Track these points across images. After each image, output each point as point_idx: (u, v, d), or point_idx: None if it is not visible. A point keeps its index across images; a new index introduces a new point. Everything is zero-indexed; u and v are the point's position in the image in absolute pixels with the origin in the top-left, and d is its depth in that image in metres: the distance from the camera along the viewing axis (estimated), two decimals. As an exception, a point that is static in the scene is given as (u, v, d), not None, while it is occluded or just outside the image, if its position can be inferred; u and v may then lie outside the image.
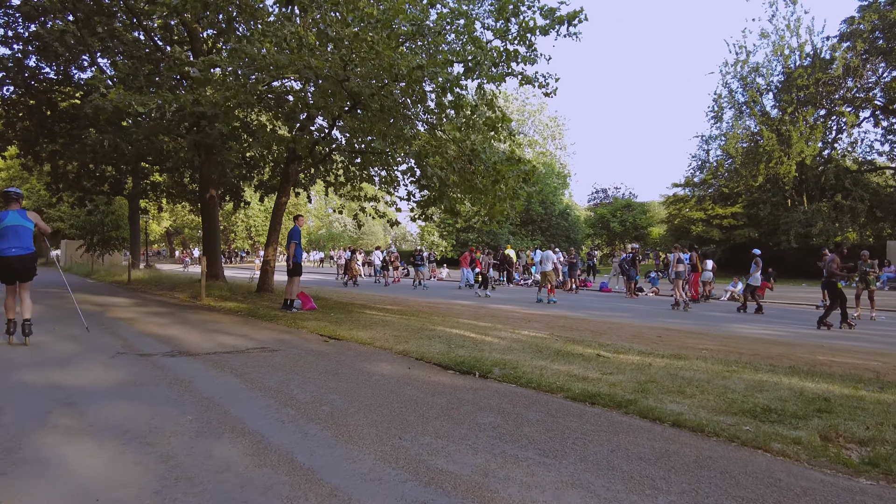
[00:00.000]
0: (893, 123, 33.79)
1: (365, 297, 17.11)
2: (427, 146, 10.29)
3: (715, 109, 36.21)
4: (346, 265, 23.95)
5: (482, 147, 10.77)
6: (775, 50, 33.08)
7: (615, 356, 6.94)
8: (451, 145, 10.39)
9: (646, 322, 12.64)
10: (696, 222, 33.82)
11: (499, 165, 10.60)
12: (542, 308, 15.25)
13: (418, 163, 10.67)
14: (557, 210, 47.07)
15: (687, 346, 9.20)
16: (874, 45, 30.34)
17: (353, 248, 24.63)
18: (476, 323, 10.44)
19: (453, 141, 10.42)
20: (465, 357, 6.17)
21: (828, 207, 30.02)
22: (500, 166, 10.57)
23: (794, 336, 10.95)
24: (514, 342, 7.67)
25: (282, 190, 14.21)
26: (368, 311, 11.39)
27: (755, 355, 8.35)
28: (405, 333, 7.98)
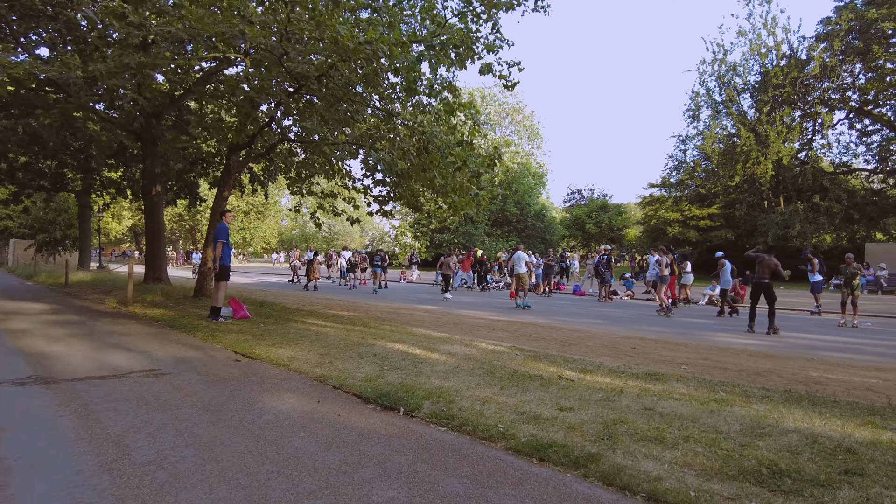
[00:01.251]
0: (868, 125, 33.58)
1: (322, 303, 15.79)
2: (375, 131, 9.04)
3: (692, 109, 35.63)
4: (308, 267, 22.55)
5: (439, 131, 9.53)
6: (752, 49, 32.58)
7: (581, 378, 5.80)
8: (402, 129, 9.15)
9: (620, 329, 11.59)
10: (672, 223, 33.12)
11: (458, 151, 9.39)
12: (511, 314, 14.13)
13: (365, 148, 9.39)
14: (533, 210, 46.17)
15: (664, 359, 8.14)
16: (850, 46, 29.98)
17: (316, 250, 23.23)
18: (431, 333, 9.24)
19: (406, 126, 9.17)
20: (393, 385, 4.96)
21: (805, 209, 29.51)
22: (459, 151, 9.36)
23: (779, 346, 9.97)
24: (465, 360, 6.49)
25: (223, 183, 12.83)
26: (310, 321, 10.10)
27: (742, 371, 7.32)
28: (335, 350, 6.73)
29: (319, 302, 15.92)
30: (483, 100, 49.02)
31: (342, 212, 16.12)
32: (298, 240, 74.47)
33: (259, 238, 63.72)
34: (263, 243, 66.73)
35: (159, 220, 17.27)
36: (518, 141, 51.30)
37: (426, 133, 8.99)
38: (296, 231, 79.30)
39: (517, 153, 48.78)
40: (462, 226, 44.70)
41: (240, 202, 56.28)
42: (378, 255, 21.32)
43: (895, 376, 7.31)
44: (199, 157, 19.80)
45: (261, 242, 65.73)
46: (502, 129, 51.63)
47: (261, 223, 62.87)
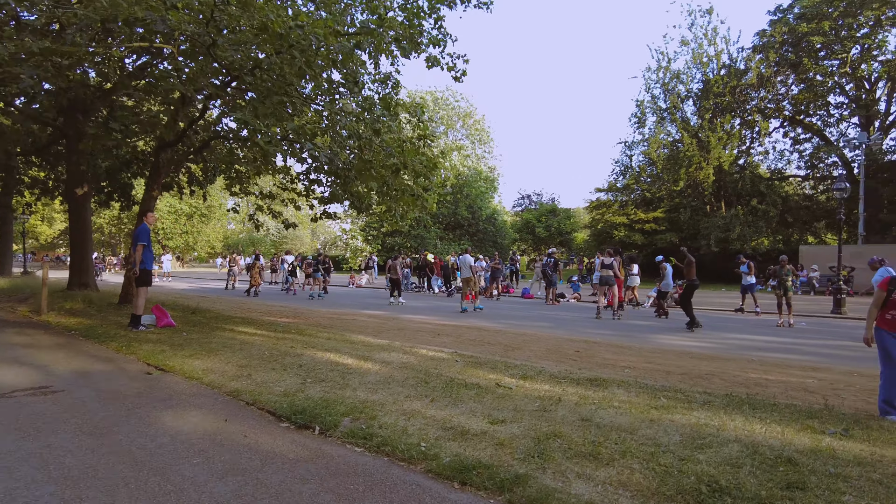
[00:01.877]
0: (800, 134, 35.15)
1: (261, 309, 15.08)
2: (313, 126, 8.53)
3: (638, 115, 36.42)
4: (250, 272, 21.64)
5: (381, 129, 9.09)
6: (694, 58, 33.58)
7: (520, 385, 5.51)
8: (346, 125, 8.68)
9: (566, 332, 11.45)
10: (618, 227, 33.70)
11: (400, 151, 8.98)
12: (459, 318, 13.83)
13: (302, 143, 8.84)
14: (485, 214, 46.20)
15: (608, 362, 7.98)
16: (784, 58, 31.27)
17: (258, 253, 22.35)
18: (370, 340, 8.81)
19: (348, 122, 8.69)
20: (313, 400, 4.52)
21: (744, 213, 30.53)
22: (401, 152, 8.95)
23: (721, 347, 10.01)
24: (399, 369, 6.09)
25: (151, 182, 12.01)
26: (240, 329, 9.48)
27: (685, 375, 7.22)
28: (258, 361, 6.21)
29: (259, 308, 15.21)
30: (435, 103, 48.80)
31: (279, 214, 15.44)
32: (245, 244, 72.25)
33: (203, 242, 61.29)
34: (208, 247, 64.29)
35: (85, 221, 16.14)
36: (469, 145, 51.32)
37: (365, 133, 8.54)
38: (242, 235, 76.87)
39: (468, 157, 48.75)
40: (414, 229, 44.24)
41: (182, 204, 54.01)
42: (317, 260, 20.62)
43: (829, 376, 7.38)
44: (134, 156, 18.66)
45: (205, 247, 63.29)
46: (454, 132, 51.53)
47: (205, 226, 60.47)
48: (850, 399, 6.01)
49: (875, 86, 31.46)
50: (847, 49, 29.77)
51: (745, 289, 16.07)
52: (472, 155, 50.52)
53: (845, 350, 9.73)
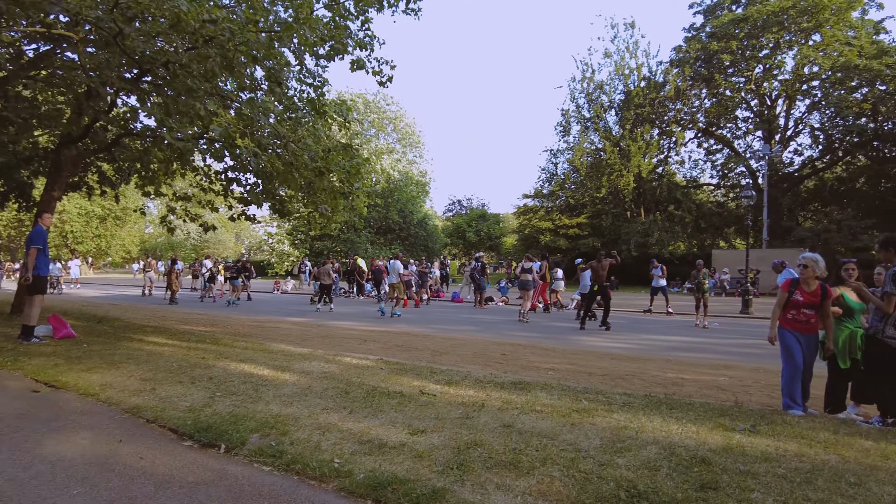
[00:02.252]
0: (712, 145, 37.46)
1: (178, 317, 14.23)
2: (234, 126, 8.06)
3: (563, 124, 37.55)
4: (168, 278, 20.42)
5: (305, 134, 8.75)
6: (617, 69, 35.03)
7: (444, 391, 5.40)
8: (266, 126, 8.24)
9: (493, 336, 11.49)
10: (544, 232, 34.60)
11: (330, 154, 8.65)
12: (387, 323, 13.59)
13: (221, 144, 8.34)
14: (416, 219, 46.04)
15: (533, 365, 8.04)
16: (698, 73, 33.22)
17: (175, 258, 21.14)
18: (291, 349, 8.44)
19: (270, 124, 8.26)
20: (221, 415, 4.20)
21: (662, 218, 32.09)
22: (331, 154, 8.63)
23: (641, 348, 10.36)
24: (320, 379, 5.82)
25: (52, 181, 11.02)
26: (150, 339, 8.84)
27: (606, 376, 7.37)
28: (164, 374, 5.76)
29: (175, 317, 14.35)
30: (366, 106, 48.25)
31: (197, 216, 14.63)
32: (164, 248, 68.48)
33: (117, 246, 57.50)
34: (123, 252, 60.38)
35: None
36: (401, 149, 51.07)
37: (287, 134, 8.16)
38: (161, 238, 72.83)
39: (398, 161, 48.49)
40: (344, 233, 43.46)
41: (94, 206, 50.38)
42: (236, 266, 19.73)
43: (738, 373, 7.76)
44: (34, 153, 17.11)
45: (120, 251, 59.40)
46: (385, 136, 51.13)
47: (119, 230, 56.73)
48: (756, 395, 6.30)
49: (775, 102, 34.03)
50: (752, 67, 32.04)
51: (656, 290, 16.83)
52: (403, 159, 50.29)
53: (752, 348, 10.31)
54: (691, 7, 35.60)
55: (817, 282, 5.19)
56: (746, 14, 30.62)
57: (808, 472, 3.14)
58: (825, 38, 29.99)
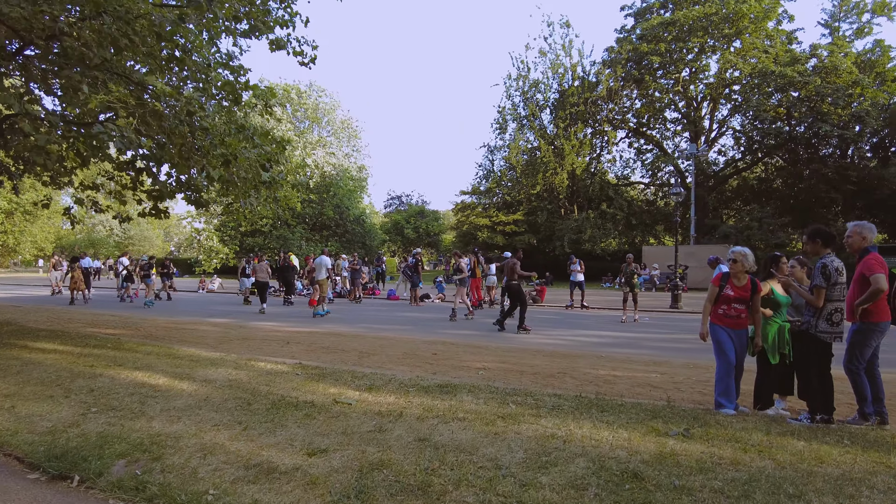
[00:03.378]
0: (643, 144, 38.59)
1: (86, 320, 13.00)
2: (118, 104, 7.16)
3: (499, 121, 37.63)
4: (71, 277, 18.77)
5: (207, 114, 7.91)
6: (552, 68, 35.37)
7: (362, 399, 4.92)
8: (156, 103, 7.38)
9: (426, 335, 11.08)
10: (482, 228, 34.57)
11: (227, 139, 7.89)
12: (316, 323, 12.91)
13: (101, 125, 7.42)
14: (353, 215, 44.96)
15: (463, 365, 7.67)
16: (629, 73, 34.04)
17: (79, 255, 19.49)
18: (201, 353, 7.70)
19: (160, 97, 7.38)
20: (86, 438, 3.55)
21: (594, 216, 32.69)
22: (228, 140, 7.87)
23: (573, 344, 10.20)
24: (222, 388, 5.20)
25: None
26: (34, 345, 7.86)
27: (537, 374, 7.09)
28: (35, 387, 4.97)
29: (84, 319, 13.09)
30: (299, 96, 46.70)
31: (107, 208, 13.40)
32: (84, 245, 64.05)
33: (28, 243, 53.12)
34: (35, 249, 55.87)
35: None
36: (336, 142, 49.77)
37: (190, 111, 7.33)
38: (81, 235, 68.07)
39: (332, 154, 47.19)
40: (276, 229, 41.91)
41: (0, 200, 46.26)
42: (149, 263, 18.40)
43: (670, 370, 7.67)
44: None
45: (31, 248, 54.92)
46: (320, 129, 49.69)
47: (30, 225, 52.40)
48: (688, 392, 6.17)
49: (700, 104, 35.41)
50: (679, 70, 33.14)
51: (574, 285, 17.01)
52: (339, 153, 49.01)
53: (683, 343, 10.37)
54: (622, 9, 36.48)
55: (747, 276, 5.06)
56: (674, 18, 31.64)
57: (746, 483, 2.88)
58: (745, 44, 31.44)
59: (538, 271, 16.29)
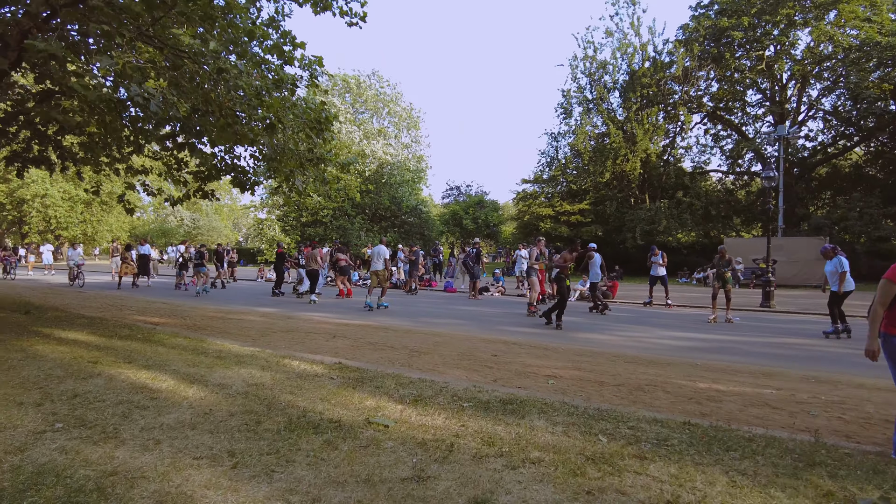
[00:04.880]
0: (719, 130, 35.59)
1: (137, 307, 12.68)
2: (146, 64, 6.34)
3: (564, 105, 35.68)
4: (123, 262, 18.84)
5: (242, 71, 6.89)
6: (620, 47, 33.14)
7: (403, 418, 3.83)
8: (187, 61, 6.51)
9: (484, 331, 9.92)
10: (544, 219, 32.81)
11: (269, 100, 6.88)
12: (365, 316, 12.01)
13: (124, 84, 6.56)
14: (409, 205, 44.22)
15: (529, 370, 6.46)
16: (706, 52, 31.34)
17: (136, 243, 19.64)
18: (233, 348, 6.85)
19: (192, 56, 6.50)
20: (19, 472, 2.61)
21: (670, 205, 30.39)
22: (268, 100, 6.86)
23: (655, 347, 8.74)
24: (232, 397, 4.24)
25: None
26: (56, 334, 7.26)
27: (621, 386, 5.79)
28: (10, 389, 4.15)
29: (136, 306, 12.75)
30: (359, 86, 46.40)
31: (159, 191, 13.00)
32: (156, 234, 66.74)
33: (105, 232, 55.66)
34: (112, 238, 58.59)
35: None
36: (395, 133, 49.18)
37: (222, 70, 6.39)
38: (154, 225, 71.11)
39: (389, 145, 46.59)
40: (336, 219, 41.81)
41: (78, 190, 48.51)
42: (200, 252, 18.08)
43: (786, 383, 6.16)
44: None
45: (108, 237, 57.59)
46: (379, 119, 49.26)
47: (106, 215, 54.88)
48: (823, 418, 4.72)
49: (787, 85, 32.19)
50: (764, 46, 30.17)
51: (655, 280, 15.27)
52: (397, 143, 48.40)
53: (788, 349, 8.70)
54: (700, -18, 33.62)
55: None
56: (758, -12, 28.75)
57: None
58: (843, 13, 28.10)
59: (606, 265, 14.76)
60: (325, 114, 8.01)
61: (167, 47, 6.60)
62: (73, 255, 19.38)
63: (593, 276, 13.66)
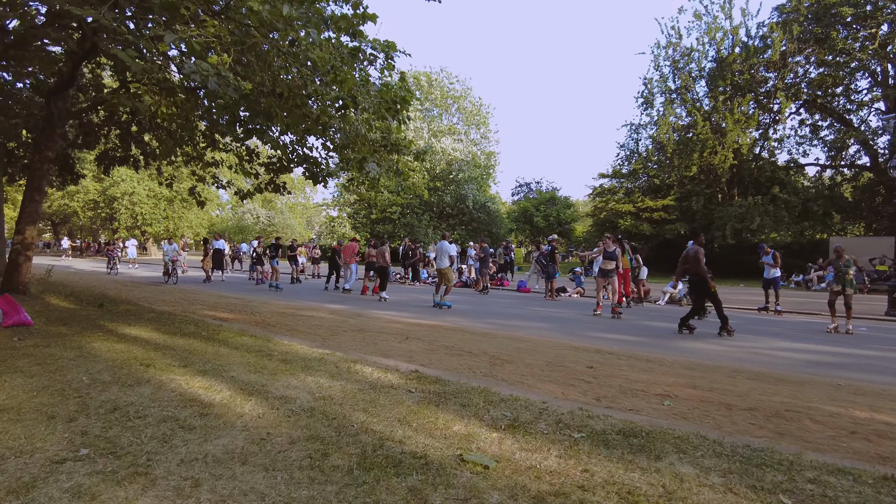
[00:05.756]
0: (817, 120, 32.37)
1: (209, 301, 12.56)
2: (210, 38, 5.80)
3: (645, 95, 33.63)
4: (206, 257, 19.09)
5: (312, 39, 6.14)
6: (708, 32, 30.79)
7: (504, 451, 2.99)
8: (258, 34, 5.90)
9: (569, 336, 8.93)
10: (624, 215, 30.89)
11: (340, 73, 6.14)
12: (437, 315, 11.29)
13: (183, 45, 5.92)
14: (476, 202, 43.33)
15: (636, 387, 5.45)
16: (807, 32, 28.53)
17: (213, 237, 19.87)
18: (302, 349, 6.25)
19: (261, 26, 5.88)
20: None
21: (765, 201, 27.87)
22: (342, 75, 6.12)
23: (777, 361, 7.45)
24: (295, 416, 3.53)
25: (45, 138, 9.36)
26: (120, 330, 6.91)
27: (753, 411, 4.70)
28: (48, 397, 3.61)
29: (208, 301, 12.61)
30: (429, 84, 46.04)
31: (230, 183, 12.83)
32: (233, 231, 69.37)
33: (185, 228, 58.32)
34: (192, 234, 61.35)
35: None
36: (464, 129, 48.45)
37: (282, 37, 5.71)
38: (231, 222, 74.04)
39: (459, 141, 45.87)
40: (404, 216, 41.65)
41: (161, 189, 50.99)
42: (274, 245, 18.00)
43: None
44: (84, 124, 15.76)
45: (188, 233, 60.34)
46: (448, 116, 48.70)
47: (187, 212, 57.44)
48: None
49: (902, 67, 28.73)
50: (879, 23, 27.08)
51: (769, 283, 13.59)
52: (466, 140, 47.62)
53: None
54: (803, -43, 30.65)
55: None
56: (875, -43, 25.78)
57: None
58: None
59: None
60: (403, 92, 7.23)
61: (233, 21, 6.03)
62: (168, 251, 19.02)
63: None
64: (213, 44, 5.68)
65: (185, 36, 5.43)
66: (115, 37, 6.80)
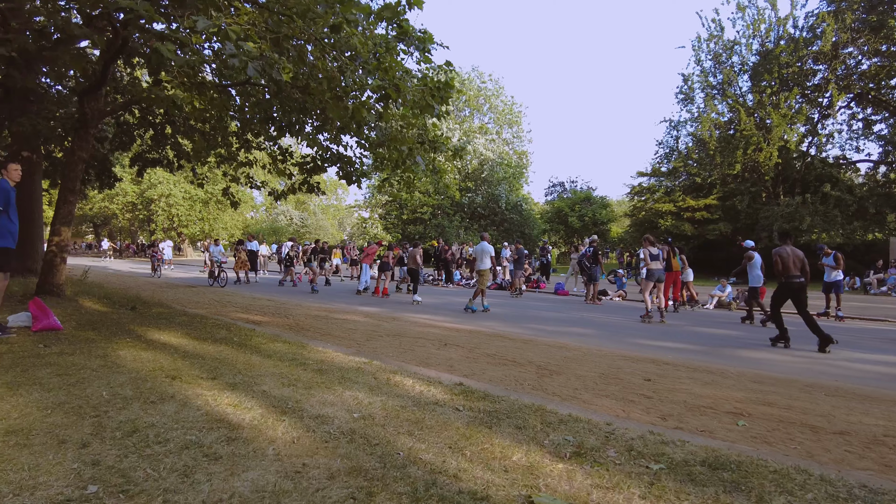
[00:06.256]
0: (870, 115, 30.72)
1: (244, 303, 12.38)
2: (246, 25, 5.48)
3: (685, 90, 32.54)
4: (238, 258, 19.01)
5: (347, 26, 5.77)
6: (753, 24, 29.54)
7: (575, 489, 2.51)
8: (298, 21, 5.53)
9: (617, 344, 8.38)
10: (664, 215, 29.82)
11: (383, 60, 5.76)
12: (474, 320, 10.84)
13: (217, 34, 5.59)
14: (509, 203, 42.65)
15: (702, 402, 4.90)
16: (861, 21, 27.08)
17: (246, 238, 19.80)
18: (337, 357, 5.88)
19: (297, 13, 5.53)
20: None
21: (815, 201, 26.53)
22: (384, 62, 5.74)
23: (855, 373, 6.77)
24: (335, 440, 3.13)
25: (78, 138, 9.24)
26: (149, 335, 6.64)
27: (844, 435, 4.12)
28: (62, 416, 3.27)
29: (241, 303, 12.42)
30: (462, 84, 45.64)
31: (264, 184, 12.61)
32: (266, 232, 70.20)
33: (220, 230, 59.17)
34: (227, 235, 62.25)
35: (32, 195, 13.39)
36: (496, 128, 47.84)
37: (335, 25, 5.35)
38: (265, 224, 74.95)
39: (492, 141, 45.28)
40: (434, 217, 41.30)
41: (197, 190, 51.83)
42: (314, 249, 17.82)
43: None
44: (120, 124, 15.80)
45: (223, 235, 61.23)
46: (480, 116, 48.18)
47: (222, 213, 58.25)
48: None
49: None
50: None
51: (829, 287, 12.72)
52: (498, 139, 47.00)
53: None
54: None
55: None
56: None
57: None
58: None
59: (736, 266, 12.54)
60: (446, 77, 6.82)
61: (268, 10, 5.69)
62: (215, 252, 18.74)
63: (754, 279, 11.64)
64: (250, 30, 5.34)
65: (218, 23, 5.12)
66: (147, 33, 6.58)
